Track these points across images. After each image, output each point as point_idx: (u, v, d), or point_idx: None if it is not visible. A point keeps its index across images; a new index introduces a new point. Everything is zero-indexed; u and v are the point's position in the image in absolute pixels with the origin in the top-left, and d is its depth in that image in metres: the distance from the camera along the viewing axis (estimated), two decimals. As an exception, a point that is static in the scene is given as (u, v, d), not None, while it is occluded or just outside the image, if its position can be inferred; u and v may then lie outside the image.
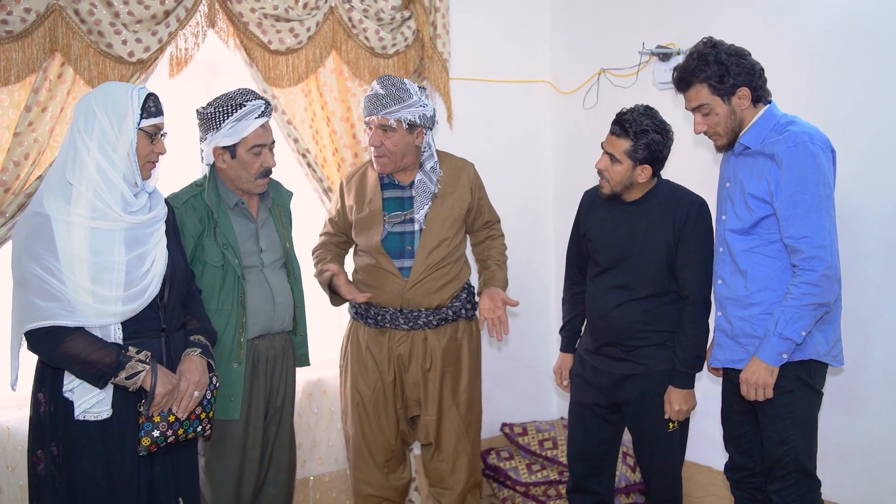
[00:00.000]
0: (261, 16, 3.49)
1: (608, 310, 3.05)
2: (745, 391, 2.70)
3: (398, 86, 3.14)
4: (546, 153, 4.63)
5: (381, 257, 3.26)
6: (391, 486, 3.47)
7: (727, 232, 2.81)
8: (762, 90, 2.74)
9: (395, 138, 3.16)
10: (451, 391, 3.37)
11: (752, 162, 2.74)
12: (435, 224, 3.25)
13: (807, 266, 2.59)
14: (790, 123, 2.69)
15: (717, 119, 2.75)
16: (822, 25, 3.26)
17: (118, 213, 2.41)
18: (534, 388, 4.62)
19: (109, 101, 2.43)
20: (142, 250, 2.46)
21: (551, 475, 4.01)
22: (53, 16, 3.11)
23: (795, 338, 2.61)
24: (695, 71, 2.72)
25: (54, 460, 2.41)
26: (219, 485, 3.00)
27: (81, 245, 2.36)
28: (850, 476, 3.27)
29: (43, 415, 2.44)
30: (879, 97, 3.11)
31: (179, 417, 2.52)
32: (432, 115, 3.23)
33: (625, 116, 2.92)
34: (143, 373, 2.40)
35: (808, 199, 2.60)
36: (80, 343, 2.35)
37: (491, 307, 3.27)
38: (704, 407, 3.65)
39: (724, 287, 2.83)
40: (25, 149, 3.09)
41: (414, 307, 3.27)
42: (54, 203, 2.37)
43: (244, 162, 2.94)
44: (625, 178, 2.95)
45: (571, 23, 4.45)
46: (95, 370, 2.35)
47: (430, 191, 3.27)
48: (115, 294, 2.39)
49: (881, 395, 3.18)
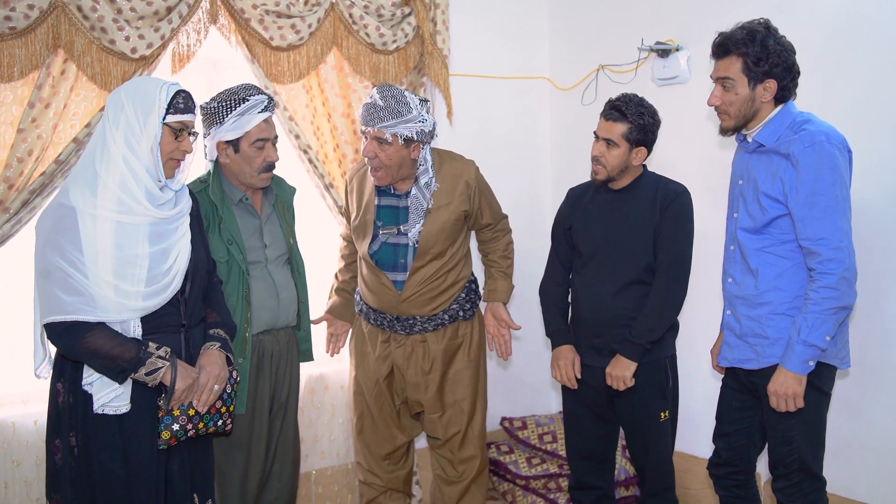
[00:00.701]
0: (262, 12, 3.49)
1: (596, 299, 3.09)
2: (775, 403, 2.64)
3: (398, 99, 3.05)
4: (545, 149, 4.65)
5: (374, 268, 3.26)
6: (394, 475, 3.51)
7: (739, 230, 2.77)
8: (789, 91, 2.68)
9: (390, 151, 3.09)
10: (453, 389, 3.39)
11: (766, 160, 2.69)
12: (429, 241, 3.22)
13: (824, 269, 2.54)
14: (806, 122, 2.64)
15: (734, 99, 2.69)
16: (821, 24, 3.29)
17: (144, 207, 2.41)
18: (533, 382, 4.65)
19: (138, 93, 2.45)
20: (165, 245, 2.47)
21: (551, 468, 4.04)
22: (56, 12, 3.11)
23: (820, 344, 2.56)
24: (738, 42, 2.64)
25: (72, 451, 2.43)
26: (225, 479, 3.02)
27: (106, 239, 2.36)
28: (860, 472, 3.29)
29: (62, 405, 2.46)
30: (878, 96, 3.13)
31: (199, 411, 2.53)
32: (431, 131, 3.15)
33: (618, 102, 3.02)
34: (163, 369, 2.42)
35: (824, 200, 2.54)
36: (101, 338, 2.36)
37: (495, 325, 3.40)
38: (703, 400, 3.70)
39: (734, 286, 2.81)
40: (29, 145, 3.09)
41: (409, 316, 3.29)
42: (80, 195, 2.38)
43: (247, 156, 2.94)
44: (621, 162, 3.02)
45: (570, 19, 4.47)
46: (115, 365, 2.36)
47: (423, 207, 3.21)
48: (136, 289, 2.40)
49: (889, 392, 3.19)
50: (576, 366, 3.15)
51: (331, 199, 3.77)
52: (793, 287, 2.66)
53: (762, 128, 2.70)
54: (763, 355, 2.71)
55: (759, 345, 2.72)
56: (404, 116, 3.05)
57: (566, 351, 3.19)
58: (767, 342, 2.70)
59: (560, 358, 3.19)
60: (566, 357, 3.17)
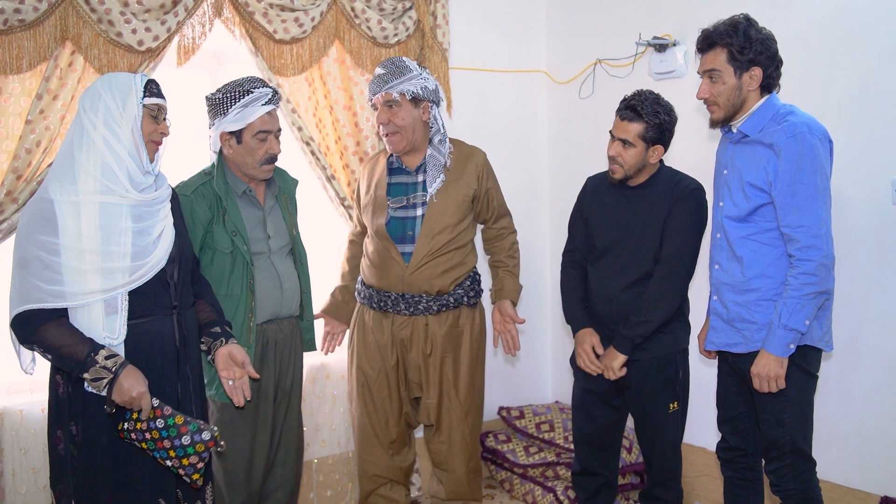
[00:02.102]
0: (266, 5, 3.53)
1: (607, 292, 3.13)
2: (758, 384, 2.74)
3: (397, 63, 3.27)
4: (542, 143, 4.70)
5: (385, 241, 3.32)
6: (396, 466, 3.55)
7: (724, 218, 2.86)
8: (773, 79, 2.78)
9: (401, 113, 3.24)
10: (452, 376, 3.44)
11: (750, 150, 2.79)
12: (437, 210, 3.30)
13: (803, 256, 2.65)
14: (789, 114, 2.74)
15: (722, 89, 2.77)
16: (815, 19, 3.34)
17: (125, 189, 2.44)
18: (530, 372, 4.70)
19: (113, 82, 2.49)
20: (147, 224, 2.50)
21: (549, 457, 4.10)
22: (64, 5, 3.14)
23: (800, 328, 2.67)
24: (722, 34, 2.74)
25: (73, 439, 2.46)
26: (231, 466, 3.07)
27: (90, 220, 2.39)
28: (844, 456, 3.36)
29: (62, 395, 2.48)
30: (871, 91, 3.19)
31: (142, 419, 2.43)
32: (435, 89, 3.31)
33: (634, 101, 3.02)
34: (105, 380, 2.37)
35: (805, 189, 2.65)
36: (55, 333, 2.36)
37: (501, 321, 3.46)
38: (698, 389, 3.74)
39: (720, 272, 2.90)
40: (37, 136, 3.12)
41: (415, 292, 3.33)
42: (59, 187, 2.41)
43: (249, 147, 2.99)
44: (638, 161, 3.04)
45: (567, 13, 4.51)
46: (64, 364, 2.38)
47: (441, 163, 3.33)
48: (122, 265, 2.42)
49: (872, 378, 3.28)
50: (595, 346, 3.15)
51: (332, 190, 3.82)
52: (780, 274, 2.75)
53: (746, 118, 2.79)
54: (751, 339, 2.81)
55: (747, 329, 2.81)
56: (405, 75, 3.24)
57: (585, 335, 3.18)
58: (755, 327, 2.79)
59: (579, 343, 3.19)
60: (586, 342, 3.17)
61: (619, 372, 3.07)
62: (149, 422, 2.41)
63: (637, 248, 3.08)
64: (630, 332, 3.04)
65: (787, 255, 2.74)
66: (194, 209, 2.95)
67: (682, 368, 3.15)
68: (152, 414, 2.41)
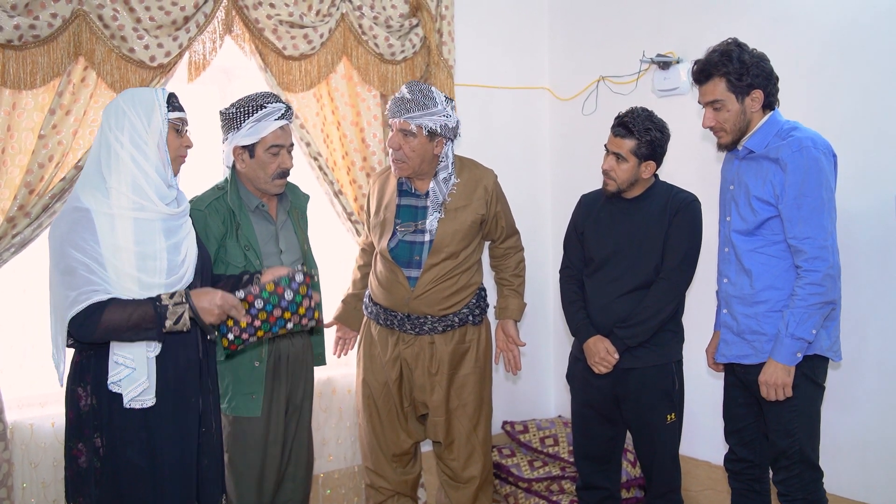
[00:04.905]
0: (276, 22, 3.57)
1: (607, 303, 3.17)
2: (765, 393, 2.79)
3: (425, 93, 3.20)
4: (545, 158, 4.74)
5: (391, 264, 3.34)
6: (402, 479, 3.54)
7: (732, 233, 2.92)
8: (773, 97, 2.85)
9: (414, 143, 3.20)
10: (458, 393, 3.43)
11: (756, 166, 2.85)
12: (445, 238, 3.30)
13: (810, 267, 2.71)
14: (793, 129, 2.81)
15: (728, 116, 2.84)
16: (818, 35, 3.40)
17: (155, 204, 2.46)
18: (533, 387, 4.72)
19: (136, 99, 2.51)
20: (177, 239, 2.53)
21: (553, 471, 4.11)
22: (78, 21, 3.17)
23: (807, 336, 2.72)
24: (717, 64, 2.81)
25: (97, 452, 2.45)
26: (242, 480, 3.06)
27: (125, 235, 2.40)
28: (845, 467, 3.40)
29: (84, 408, 2.46)
30: (874, 105, 3.25)
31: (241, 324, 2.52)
32: (455, 127, 3.27)
33: (626, 118, 3.08)
34: (185, 312, 2.40)
35: (810, 202, 2.71)
36: (115, 312, 2.35)
37: (504, 341, 3.51)
38: (703, 402, 3.77)
39: (729, 286, 2.95)
40: (49, 151, 3.14)
41: (420, 314, 3.36)
42: (92, 197, 2.42)
43: (262, 162, 3.00)
44: (631, 176, 3.10)
45: (571, 30, 4.56)
46: (142, 329, 2.37)
47: (439, 200, 3.31)
48: (158, 281, 2.44)
49: (875, 389, 3.31)
50: (608, 349, 3.12)
51: (339, 205, 3.84)
52: (788, 286, 2.80)
53: (751, 136, 2.86)
54: (762, 350, 2.85)
55: (758, 341, 2.86)
56: (429, 109, 3.18)
57: (596, 342, 3.15)
58: (765, 338, 2.83)
59: (592, 354, 3.16)
60: (597, 348, 3.14)
61: (609, 367, 3.11)
62: (248, 312, 2.48)
63: (634, 259, 3.13)
64: (625, 333, 3.09)
65: (794, 267, 2.78)
66: (208, 224, 2.97)
67: (677, 379, 3.19)
68: (246, 305, 2.47)
